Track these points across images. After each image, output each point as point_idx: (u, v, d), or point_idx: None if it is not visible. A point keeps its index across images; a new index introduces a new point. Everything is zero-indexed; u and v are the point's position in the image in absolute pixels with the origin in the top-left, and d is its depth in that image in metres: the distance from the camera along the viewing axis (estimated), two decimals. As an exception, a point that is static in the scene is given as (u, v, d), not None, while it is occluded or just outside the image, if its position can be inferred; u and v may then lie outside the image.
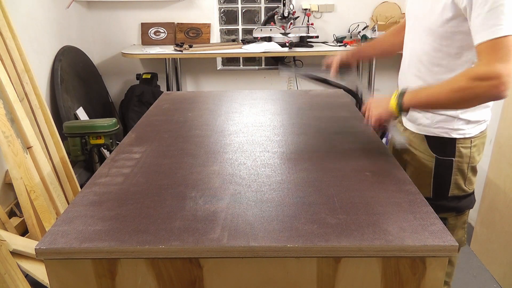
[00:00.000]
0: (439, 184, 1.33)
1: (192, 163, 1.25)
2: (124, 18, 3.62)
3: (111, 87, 3.78)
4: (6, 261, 1.72)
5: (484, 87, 1.02)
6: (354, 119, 1.65)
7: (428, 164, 1.33)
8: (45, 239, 0.88)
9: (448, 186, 1.33)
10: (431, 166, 1.33)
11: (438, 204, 1.21)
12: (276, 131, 1.52)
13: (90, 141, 2.55)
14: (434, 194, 1.34)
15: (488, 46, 1.01)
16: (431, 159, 1.32)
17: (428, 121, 1.31)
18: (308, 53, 3.28)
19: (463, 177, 1.33)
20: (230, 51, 3.29)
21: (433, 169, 1.33)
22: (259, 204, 1.00)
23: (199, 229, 0.90)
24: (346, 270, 0.87)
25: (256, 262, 0.87)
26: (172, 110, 1.82)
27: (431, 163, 1.33)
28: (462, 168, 1.31)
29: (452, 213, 1.36)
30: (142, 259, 0.87)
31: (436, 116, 1.29)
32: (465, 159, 1.30)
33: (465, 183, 1.34)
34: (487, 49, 1.02)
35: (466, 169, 1.32)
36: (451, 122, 1.27)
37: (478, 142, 1.31)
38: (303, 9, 3.55)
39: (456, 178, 1.32)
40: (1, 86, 2.06)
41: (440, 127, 1.29)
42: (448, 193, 1.34)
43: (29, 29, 2.66)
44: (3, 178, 2.27)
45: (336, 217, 0.94)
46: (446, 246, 0.84)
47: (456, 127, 1.27)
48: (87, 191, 1.08)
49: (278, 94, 2.05)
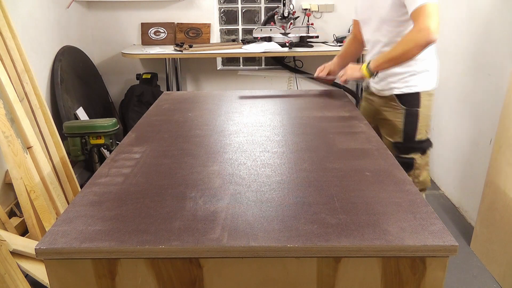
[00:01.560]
0: (408, 130, 1.77)
1: (192, 163, 1.25)
2: (124, 18, 3.62)
3: (111, 87, 3.78)
4: (6, 261, 1.72)
5: (419, 36, 1.50)
6: (354, 119, 1.65)
7: (399, 115, 1.77)
8: (45, 239, 0.88)
9: (415, 131, 1.77)
10: (401, 117, 1.77)
11: (408, 146, 1.78)
12: (276, 131, 1.52)
13: (90, 141, 2.55)
14: (404, 138, 1.79)
15: (416, 12, 1.51)
16: (402, 111, 1.76)
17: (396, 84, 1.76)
18: (308, 53, 3.28)
19: (425, 123, 1.78)
20: (230, 51, 3.29)
21: (403, 118, 1.76)
22: (259, 204, 1.00)
23: (199, 229, 0.90)
24: (346, 270, 0.87)
25: (256, 262, 0.87)
26: (172, 110, 1.82)
27: (401, 114, 1.76)
28: (424, 116, 1.76)
29: (418, 153, 1.80)
30: (142, 259, 0.87)
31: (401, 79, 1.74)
32: (426, 110, 1.75)
33: (426, 130, 1.80)
34: (416, 14, 1.52)
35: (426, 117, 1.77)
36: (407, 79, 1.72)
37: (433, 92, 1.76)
38: (303, 9, 3.55)
39: (420, 125, 1.76)
40: (1, 86, 2.06)
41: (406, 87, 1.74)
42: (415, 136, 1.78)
43: (29, 29, 2.66)
44: (3, 178, 2.27)
45: (336, 217, 0.94)
46: (446, 246, 0.84)
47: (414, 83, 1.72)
48: (87, 191, 1.08)
49: (278, 94, 2.05)
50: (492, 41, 2.23)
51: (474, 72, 2.41)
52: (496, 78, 2.17)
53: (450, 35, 2.69)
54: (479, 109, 2.36)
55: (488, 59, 2.27)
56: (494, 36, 2.21)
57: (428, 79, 1.73)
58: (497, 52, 2.18)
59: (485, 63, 2.30)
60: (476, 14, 2.40)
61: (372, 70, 1.69)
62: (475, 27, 2.40)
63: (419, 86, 1.72)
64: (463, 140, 2.57)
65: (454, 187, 2.74)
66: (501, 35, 2.15)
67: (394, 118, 1.78)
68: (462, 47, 2.55)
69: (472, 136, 2.46)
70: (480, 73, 2.34)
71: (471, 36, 2.44)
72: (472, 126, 2.46)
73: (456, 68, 2.61)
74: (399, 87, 1.75)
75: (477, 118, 2.40)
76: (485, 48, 2.29)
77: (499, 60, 2.15)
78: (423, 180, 1.84)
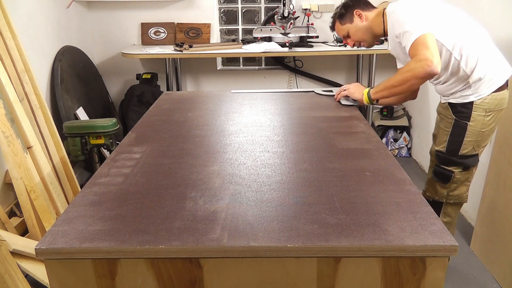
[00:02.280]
0: (453, 142, 1.70)
1: (192, 163, 1.25)
2: (124, 18, 3.62)
3: (111, 87, 3.78)
4: (6, 261, 1.72)
5: (418, 67, 1.49)
6: (354, 119, 1.65)
7: (448, 125, 1.71)
8: (45, 239, 0.88)
9: (460, 144, 1.69)
10: (450, 127, 1.70)
11: (449, 158, 1.72)
12: (276, 131, 1.52)
13: (90, 141, 2.55)
14: (447, 150, 1.72)
15: (412, 48, 1.52)
16: (451, 121, 1.69)
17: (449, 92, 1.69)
18: (308, 53, 3.28)
19: (473, 139, 1.67)
20: (230, 51, 3.29)
21: (451, 129, 1.70)
22: (259, 204, 1.00)
23: (199, 229, 0.90)
24: (346, 270, 0.87)
25: (256, 262, 0.87)
26: (172, 110, 1.82)
27: (450, 124, 1.70)
28: (474, 131, 1.66)
29: (459, 168, 1.72)
30: (142, 259, 0.87)
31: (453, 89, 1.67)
32: (478, 125, 1.65)
33: (475, 146, 1.69)
34: (412, 49, 1.53)
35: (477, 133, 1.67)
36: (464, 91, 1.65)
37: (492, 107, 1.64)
38: (303, 9, 3.54)
39: (467, 140, 1.67)
40: (1, 86, 2.06)
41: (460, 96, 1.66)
42: (459, 150, 1.69)
43: (29, 29, 2.65)
44: (3, 178, 2.27)
45: (336, 217, 0.94)
46: (446, 246, 0.84)
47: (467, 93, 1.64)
48: (87, 191, 1.08)
49: (278, 94, 2.06)
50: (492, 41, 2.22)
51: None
52: (496, 78, 2.17)
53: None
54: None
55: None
56: (494, 36, 2.21)
57: (480, 89, 1.62)
58: (497, 52, 2.18)
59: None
60: (476, 14, 2.40)
61: (372, 97, 1.71)
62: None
63: (471, 96, 1.63)
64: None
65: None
66: (501, 35, 2.15)
67: (444, 126, 1.73)
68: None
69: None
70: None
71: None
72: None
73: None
74: (454, 96, 1.68)
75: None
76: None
77: (499, 60, 2.15)
78: (458, 195, 1.77)
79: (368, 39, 1.85)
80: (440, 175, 1.76)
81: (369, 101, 1.74)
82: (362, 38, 1.86)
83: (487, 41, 1.65)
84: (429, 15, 1.59)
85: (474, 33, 1.63)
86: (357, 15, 1.81)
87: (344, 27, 1.85)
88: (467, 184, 1.78)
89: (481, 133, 1.67)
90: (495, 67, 1.63)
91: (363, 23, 1.81)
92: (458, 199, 1.79)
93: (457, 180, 1.74)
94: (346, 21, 1.84)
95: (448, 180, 1.74)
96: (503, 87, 1.64)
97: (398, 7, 1.66)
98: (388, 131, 3.64)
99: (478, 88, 1.62)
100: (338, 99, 1.91)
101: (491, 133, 1.71)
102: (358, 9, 1.81)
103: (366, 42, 1.87)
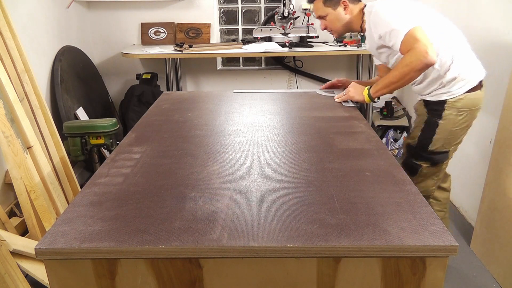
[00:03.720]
0: (423, 137, 1.72)
1: (192, 163, 1.25)
2: (124, 18, 3.62)
3: (111, 87, 3.78)
4: (6, 261, 1.72)
5: (415, 59, 1.50)
6: (354, 119, 1.65)
7: (421, 121, 1.74)
8: (45, 239, 0.88)
9: (429, 141, 1.72)
10: (422, 123, 1.73)
11: (418, 152, 1.75)
12: (276, 131, 1.52)
13: (90, 141, 2.55)
14: (417, 143, 1.75)
15: (403, 44, 1.54)
16: (424, 117, 1.72)
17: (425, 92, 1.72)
18: (308, 53, 3.28)
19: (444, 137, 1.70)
20: (230, 51, 3.29)
21: (423, 125, 1.73)
22: (259, 204, 1.00)
23: (199, 229, 0.90)
24: (346, 270, 0.87)
25: (256, 262, 0.87)
26: (172, 110, 1.82)
27: (423, 120, 1.73)
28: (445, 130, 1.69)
29: (428, 162, 1.76)
30: (142, 259, 0.87)
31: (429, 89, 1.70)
32: (449, 124, 1.68)
33: (445, 143, 1.72)
34: (404, 45, 1.54)
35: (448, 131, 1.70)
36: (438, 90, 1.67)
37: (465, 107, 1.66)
38: (303, 9, 3.54)
39: (437, 137, 1.70)
40: (1, 86, 2.06)
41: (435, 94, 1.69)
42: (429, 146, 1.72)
43: (29, 29, 2.65)
44: (3, 178, 2.27)
45: (336, 217, 0.94)
46: (446, 246, 0.84)
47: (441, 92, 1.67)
48: (87, 191, 1.08)
49: (278, 94, 2.06)
50: (492, 41, 2.23)
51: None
52: (496, 78, 2.17)
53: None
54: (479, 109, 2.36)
55: (488, 59, 2.27)
56: (494, 36, 2.21)
57: (453, 88, 1.65)
58: (497, 52, 2.18)
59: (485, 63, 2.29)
60: (476, 14, 2.40)
61: (372, 96, 1.72)
62: (475, 26, 2.39)
63: (444, 95, 1.66)
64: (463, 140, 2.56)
65: (454, 187, 2.73)
66: (501, 35, 2.15)
67: (417, 122, 1.77)
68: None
69: (472, 136, 2.46)
70: (480, 73, 2.34)
71: (471, 36, 2.44)
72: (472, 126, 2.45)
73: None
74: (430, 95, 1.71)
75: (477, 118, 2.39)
76: (485, 48, 2.29)
77: (499, 60, 2.15)
78: (424, 188, 1.82)
79: (342, 31, 1.84)
80: (409, 167, 1.79)
81: (371, 100, 1.76)
82: (336, 28, 1.84)
83: (462, 42, 1.68)
84: (412, 12, 1.61)
85: (449, 34, 1.65)
86: (343, 5, 1.78)
87: (325, 9, 1.81)
88: (435, 178, 1.82)
89: (452, 131, 1.70)
90: (469, 68, 1.66)
91: (345, 15, 1.79)
92: (424, 192, 1.82)
93: (424, 174, 1.79)
94: (330, 5, 1.79)
95: (415, 173, 1.79)
96: (476, 88, 1.67)
97: (378, 7, 1.66)
98: (388, 131, 3.64)
99: (451, 87, 1.65)
100: (342, 100, 1.89)
101: (464, 132, 1.75)
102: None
103: (337, 32, 1.86)
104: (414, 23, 1.54)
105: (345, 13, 1.79)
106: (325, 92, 2.06)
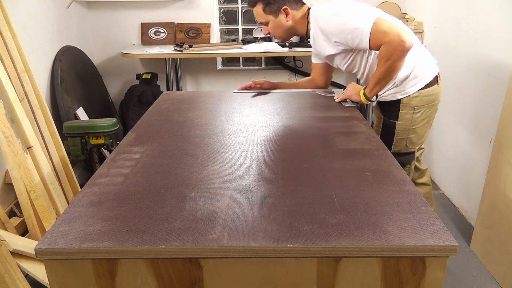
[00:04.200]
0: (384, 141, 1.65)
1: (192, 163, 1.25)
2: (124, 18, 3.62)
3: (111, 87, 3.78)
4: (6, 261, 1.72)
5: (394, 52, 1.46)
6: (354, 119, 1.65)
7: (379, 124, 1.75)
8: (45, 239, 0.88)
9: (390, 144, 1.72)
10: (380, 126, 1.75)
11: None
12: (276, 131, 1.52)
13: (90, 141, 2.55)
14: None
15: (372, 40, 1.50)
16: (381, 120, 1.74)
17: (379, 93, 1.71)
18: (308, 53, 3.26)
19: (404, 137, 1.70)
20: (230, 51, 3.29)
21: (381, 128, 1.75)
22: (259, 204, 1.00)
23: (199, 229, 0.90)
24: (346, 270, 0.87)
25: (256, 262, 0.87)
26: (172, 110, 1.82)
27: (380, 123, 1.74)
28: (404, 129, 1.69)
29: None
30: (142, 259, 0.87)
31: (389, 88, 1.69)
32: (407, 123, 1.67)
33: (408, 143, 1.72)
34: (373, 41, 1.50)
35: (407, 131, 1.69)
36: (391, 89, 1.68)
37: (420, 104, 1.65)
38: (303, 9, 3.54)
39: (398, 138, 1.70)
40: (1, 86, 2.06)
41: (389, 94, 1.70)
42: (391, 149, 1.71)
43: (29, 29, 2.65)
44: (3, 178, 2.27)
45: (336, 217, 0.94)
46: (446, 246, 0.84)
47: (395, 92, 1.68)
48: (87, 191, 1.08)
49: (278, 94, 2.05)
50: (492, 41, 2.23)
51: (474, 72, 2.41)
52: (496, 78, 2.17)
53: (450, 35, 2.69)
54: (479, 109, 2.36)
55: (488, 59, 2.27)
56: (494, 36, 2.21)
57: (407, 87, 1.67)
58: (497, 52, 2.18)
59: (485, 63, 2.29)
60: (476, 14, 2.40)
61: (368, 95, 1.70)
62: (475, 26, 2.40)
63: (398, 94, 1.67)
64: (463, 140, 2.57)
65: (454, 187, 2.74)
66: (501, 35, 2.15)
67: (376, 126, 1.77)
68: (462, 47, 2.55)
69: (472, 136, 2.46)
70: (480, 73, 2.34)
71: (471, 36, 2.44)
72: (472, 126, 2.46)
73: (456, 68, 2.61)
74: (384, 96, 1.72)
75: (477, 118, 2.40)
76: (485, 48, 2.29)
77: (499, 60, 2.15)
78: None
79: (285, 37, 1.82)
80: None
81: (369, 100, 1.74)
82: (279, 35, 1.81)
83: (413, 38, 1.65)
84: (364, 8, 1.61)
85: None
86: (284, 13, 1.74)
87: (266, 17, 1.77)
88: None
89: (412, 130, 1.69)
90: (422, 65, 1.65)
91: (287, 22, 1.75)
92: None
93: None
94: (270, 13, 1.75)
95: None
96: (432, 83, 1.66)
97: (327, 12, 1.63)
98: (388, 131, 3.63)
99: (404, 86, 1.65)
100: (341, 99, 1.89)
101: (425, 129, 1.72)
102: (287, 6, 1.73)
103: (281, 38, 1.84)
104: (373, 16, 1.51)
105: (287, 20, 1.75)
106: (324, 92, 2.06)
